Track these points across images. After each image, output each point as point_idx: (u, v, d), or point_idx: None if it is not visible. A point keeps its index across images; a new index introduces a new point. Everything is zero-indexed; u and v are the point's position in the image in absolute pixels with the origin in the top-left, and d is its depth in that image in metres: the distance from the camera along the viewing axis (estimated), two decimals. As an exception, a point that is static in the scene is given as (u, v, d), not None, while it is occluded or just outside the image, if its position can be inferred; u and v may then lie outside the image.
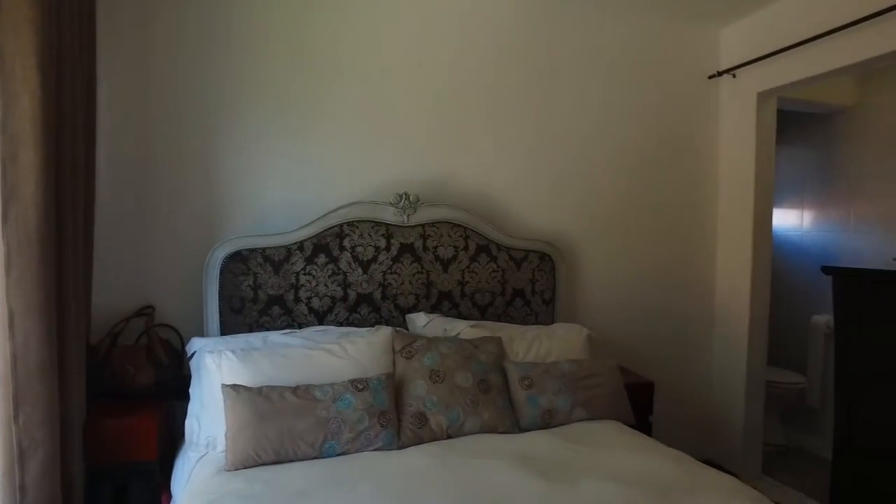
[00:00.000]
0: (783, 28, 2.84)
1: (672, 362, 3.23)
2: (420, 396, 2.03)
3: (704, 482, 1.70)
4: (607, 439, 2.02)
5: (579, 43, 3.00)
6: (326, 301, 2.45)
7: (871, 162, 3.38)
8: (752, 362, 3.12)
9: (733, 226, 3.22)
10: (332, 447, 1.83)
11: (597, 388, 2.25)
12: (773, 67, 2.91)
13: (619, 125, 3.10)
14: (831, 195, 3.65)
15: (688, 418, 3.27)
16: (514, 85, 2.89)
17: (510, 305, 2.72)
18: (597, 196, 3.07)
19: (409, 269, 2.55)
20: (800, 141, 3.86)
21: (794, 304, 3.76)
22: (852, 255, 3.46)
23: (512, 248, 2.72)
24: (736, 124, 3.20)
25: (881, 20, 2.35)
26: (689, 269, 3.28)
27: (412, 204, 2.54)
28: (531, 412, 2.12)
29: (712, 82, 3.27)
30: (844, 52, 2.56)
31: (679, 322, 3.27)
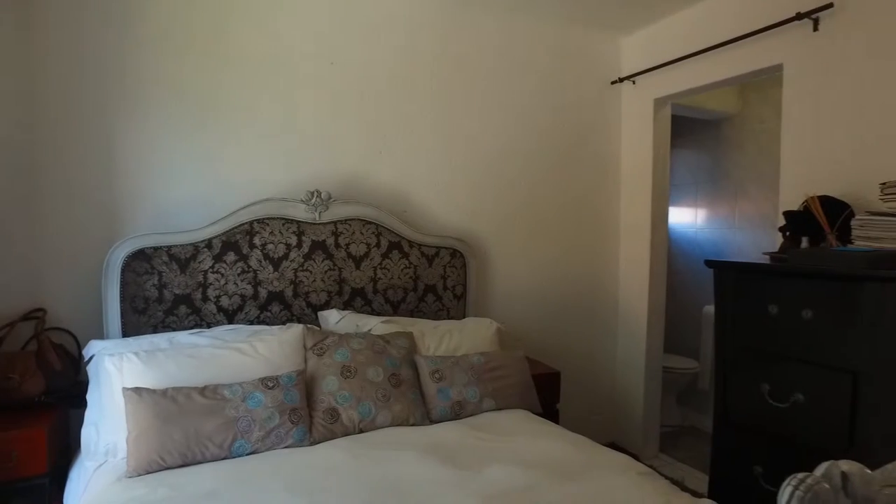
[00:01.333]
0: (675, 41, 3.06)
1: (579, 352, 3.41)
2: (332, 392, 2.05)
3: (600, 461, 1.82)
4: (514, 427, 2.11)
5: (490, 46, 3.10)
6: (236, 299, 2.41)
7: (751, 166, 3.70)
8: (650, 350, 3.35)
9: (633, 222, 3.44)
10: (243, 446, 1.81)
11: (505, 379, 2.35)
12: (667, 76, 3.13)
13: (528, 125, 3.23)
14: (719, 195, 3.98)
15: (593, 404, 3.47)
16: (426, 85, 2.95)
17: (422, 301, 2.78)
18: (507, 193, 3.19)
19: (321, 267, 2.55)
20: (693, 145, 4.17)
21: (688, 295, 4.06)
22: (737, 249, 3.79)
23: (424, 244, 2.78)
24: (635, 128, 3.41)
25: (754, 40, 2.59)
26: (594, 263, 3.47)
27: (324, 201, 2.54)
28: (441, 404, 2.19)
29: (614, 88, 3.47)
30: (726, 65, 2.80)
31: (585, 314, 3.45)
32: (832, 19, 2.32)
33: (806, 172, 2.42)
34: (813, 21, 2.37)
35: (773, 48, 2.57)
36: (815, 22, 2.37)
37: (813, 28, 2.38)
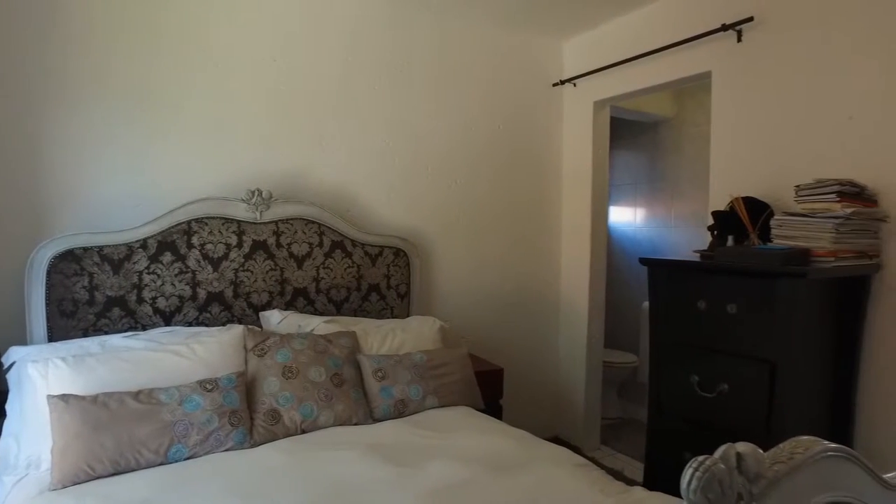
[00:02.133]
0: (613, 46, 3.16)
1: (522, 348, 3.48)
2: (273, 393, 2.02)
3: (539, 455, 1.87)
4: (456, 424, 2.14)
5: (434, 47, 3.13)
6: (174, 301, 2.34)
7: (686, 167, 3.87)
8: (591, 345, 3.46)
9: (574, 221, 3.53)
10: (180, 451, 1.77)
11: (448, 376, 2.38)
12: (606, 80, 3.24)
13: (472, 126, 3.27)
14: (657, 195, 4.13)
15: (537, 399, 3.54)
16: (370, 84, 2.94)
17: (366, 300, 2.78)
18: (451, 193, 3.22)
19: (263, 267, 2.51)
20: (632, 146, 4.32)
21: (628, 291, 4.20)
22: (673, 247, 3.95)
23: (367, 244, 2.78)
24: (576, 129, 3.51)
25: (685, 48, 2.71)
26: (537, 261, 3.55)
27: (265, 200, 2.50)
28: (384, 402, 2.20)
29: (556, 90, 3.55)
30: (660, 71, 2.91)
31: (528, 311, 3.52)
32: (754, 32, 2.46)
33: (732, 174, 2.55)
34: (737, 32, 2.50)
35: (702, 56, 2.69)
36: (739, 33, 2.50)
37: (737, 39, 2.51)
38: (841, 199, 1.97)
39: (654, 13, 2.95)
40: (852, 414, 2.12)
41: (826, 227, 1.95)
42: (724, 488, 0.62)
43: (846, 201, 1.98)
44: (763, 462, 0.67)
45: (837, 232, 1.94)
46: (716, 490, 0.61)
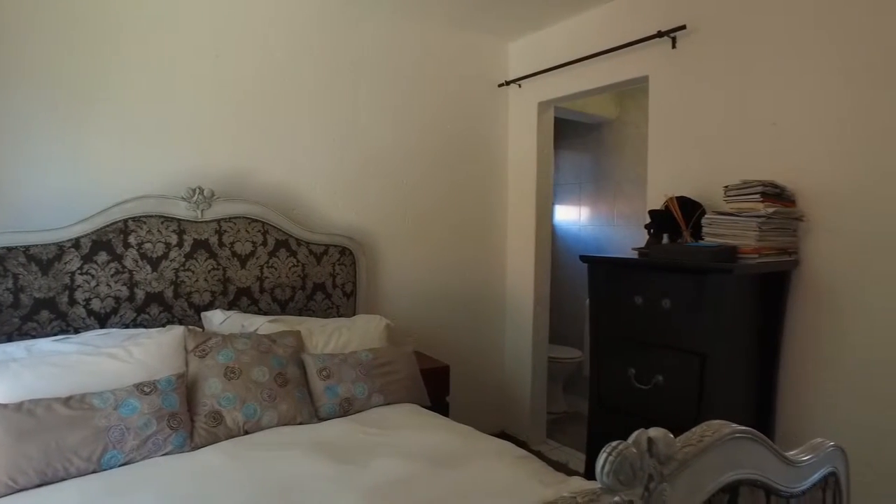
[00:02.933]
0: (557, 48, 3.24)
1: (468, 345, 3.53)
2: (215, 394, 1.99)
3: (481, 449, 1.91)
4: (401, 421, 2.16)
5: (381, 47, 3.12)
6: (109, 302, 2.27)
7: (627, 167, 4.00)
8: (536, 341, 3.53)
9: (519, 220, 3.60)
10: (115, 457, 1.72)
11: (394, 374, 2.39)
12: (550, 81, 3.31)
13: (418, 125, 3.28)
14: (600, 194, 4.26)
15: (483, 395, 3.60)
16: (317, 83, 2.92)
17: (311, 299, 2.76)
18: (397, 192, 3.23)
19: (204, 266, 2.46)
20: (577, 146, 4.43)
21: (574, 288, 4.31)
22: (617, 245, 4.07)
23: (312, 242, 2.76)
24: (521, 129, 3.58)
25: (625, 52, 2.80)
26: (483, 259, 3.60)
27: (207, 199, 2.45)
28: (329, 401, 2.19)
29: (501, 90, 3.61)
30: (601, 74, 3.00)
31: (474, 308, 3.57)
32: (687, 39, 2.57)
33: (668, 175, 2.66)
34: (672, 39, 2.61)
35: (640, 61, 2.79)
36: (674, 40, 2.61)
37: (672, 45, 2.62)
38: (764, 199, 2.09)
39: (596, 18, 3.03)
40: (774, 399, 2.25)
41: (751, 225, 2.07)
42: (635, 470, 0.66)
43: (768, 201, 2.09)
44: (673, 445, 0.72)
45: (761, 230, 2.05)
46: (627, 472, 0.65)
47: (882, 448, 1.97)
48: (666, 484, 0.70)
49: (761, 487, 0.95)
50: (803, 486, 1.09)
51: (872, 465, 1.97)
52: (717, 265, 1.96)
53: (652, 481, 0.68)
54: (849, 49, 2.05)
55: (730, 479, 0.85)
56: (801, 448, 1.16)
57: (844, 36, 2.06)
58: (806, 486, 1.10)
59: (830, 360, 2.11)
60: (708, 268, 1.97)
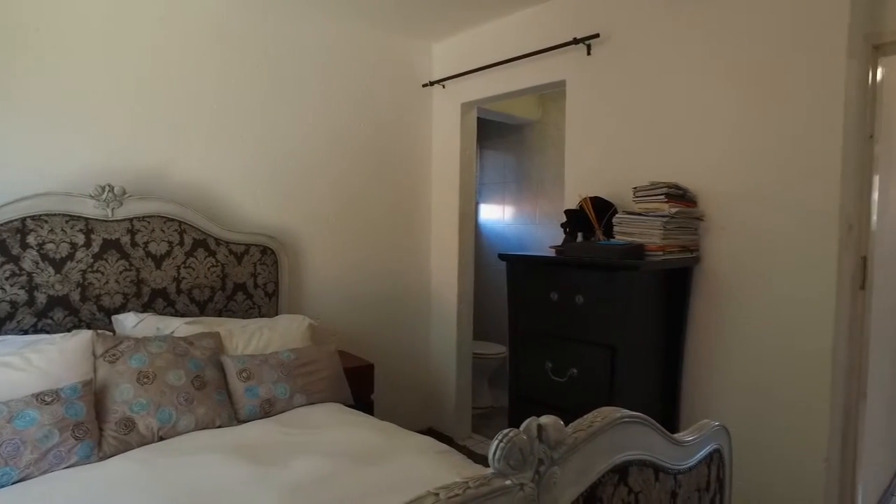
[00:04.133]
0: (480, 51, 3.31)
1: (394, 343, 3.55)
2: (126, 401, 1.92)
3: (403, 445, 1.94)
4: (324, 421, 2.15)
5: (304, 44, 3.08)
6: (4, 307, 2.13)
7: (549, 167, 4.14)
8: (461, 338, 3.60)
9: (444, 218, 3.66)
10: (8, 475, 1.61)
11: (316, 374, 2.38)
12: (473, 82, 3.38)
13: (343, 123, 3.27)
14: (523, 194, 4.38)
15: (409, 393, 3.63)
16: (236, 78, 2.85)
17: (231, 300, 2.70)
18: (321, 191, 3.20)
19: (115, 267, 2.36)
20: (501, 147, 4.54)
21: (498, 285, 4.41)
22: (539, 242, 4.20)
23: (232, 242, 2.70)
24: (445, 129, 3.63)
25: (544, 56, 2.90)
26: (408, 257, 3.63)
27: (117, 196, 2.35)
28: (250, 403, 2.16)
29: (426, 90, 3.65)
30: (521, 77, 3.10)
31: (400, 306, 3.59)
32: (601, 47, 2.69)
33: (583, 175, 2.78)
34: (587, 46, 2.73)
35: (558, 66, 2.90)
36: (589, 47, 2.73)
37: (587, 52, 2.74)
38: (668, 200, 2.23)
39: (516, 22, 3.12)
40: (679, 386, 2.41)
41: (656, 224, 2.20)
42: (525, 455, 0.71)
43: (672, 202, 2.24)
44: (562, 431, 0.78)
45: (665, 229, 2.19)
46: (517, 457, 0.70)
47: (763, 425, 2.16)
48: (556, 467, 0.76)
49: (650, 466, 1.03)
50: (690, 462, 1.19)
51: (754, 440, 2.16)
52: (625, 262, 2.08)
53: (542, 465, 0.74)
54: (741, 62, 2.23)
55: (619, 460, 0.92)
56: (690, 429, 1.27)
57: (736, 51, 2.24)
58: (692, 463, 1.21)
59: (726, 348, 2.29)
60: (617, 265, 2.08)
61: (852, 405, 2.18)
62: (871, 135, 2.18)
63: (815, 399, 2.05)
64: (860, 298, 2.20)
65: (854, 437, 2.20)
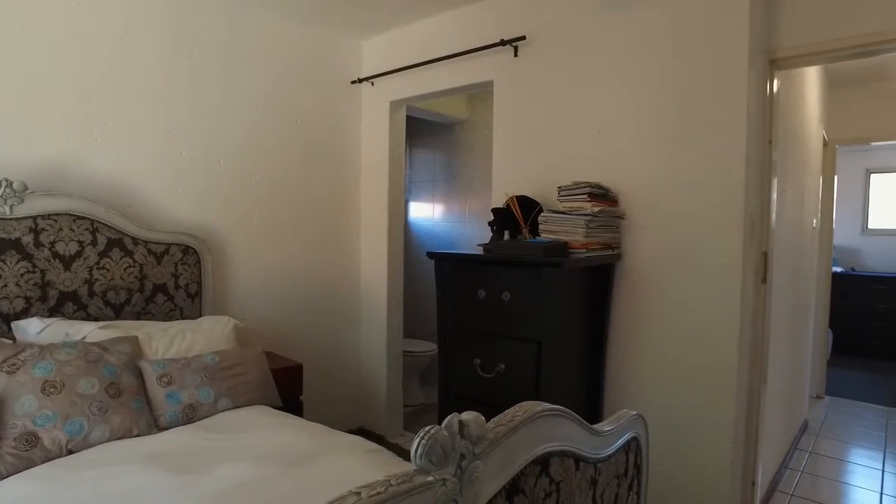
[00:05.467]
0: (409, 49, 3.32)
1: (324, 343, 3.50)
2: (28, 413, 1.79)
3: (333, 446, 1.92)
4: (250, 424, 2.10)
5: (229, 37, 2.98)
6: None
7: (478, 166, 4.20)
8: (391, 336, 3.60)
9: (372, 217, 3.64)
10: None
11: (242, 376, 2.31)
12: (401, 81, 3.38)
13: (268, 119, 3.18)
14: (453, 192, 4.43)
15: (339, 392, 3.60)
16: (152, 69, 2.71)
17: (151, 302, 2.57)
18: (247, 188, 3.11)
19: (16, 269, 2.19)
20: (431, 145, 4.56)
21: (429, 283, 4.43)
22: (468, 240, 4.26)
23: (151, 241, 2.57)
24: (374, 127, 3.61)
25: (472, 57, 2.95)
26: (337, 256, 3.59)
27: (17, 193, 2.18)
28: (171, 409, 2.07)
29: (354, 88, 3.62)
30: (450, 76, 3.13)
31: (329, 305, 3.55)
32: (527, 49, 2.76)
33: (510, 174, 2.84)
34: (514, 48, 2.79)
35: (486, 66, 2.95)
36: (515, 49, 2.79)
37: (514, 54, 2.81)
38: (591, 199, 2.32)
39: (446, 22, 3.15)
40: (603, 378, 2.51)
41: (579, 223, 2.29)
42: (446, 451, 0.73)
43: (595, 201, 2.33)
44: (483, 426, 0.80)
45: (588, 227, 2.28)
46: (439, 453, 0.72)
47: (677, 411, 2.30)
48: (478, 461, 0.78)
49: (571, 456, 1.07)
50: (609, 451, 1.25)
51: (670, 425, 2.29)
52: (549, 260, 2.15)
53: (464, 460, 0.76)
54: (658, 70, 2.35)
55: (541, 451, 0.95)
56: (609, 419, 1.33)
57: (653, 59, 2.36)
58: (611, 451, 1.27)
59: (645, 340, 2.41)
60: (541, 262, 2.15)
61: (755, 390, 2.36)
62: (769, 141, 2.36)
63: (723, 385, 2.20)
64: (762, 291, 2.38)
65: (756, 419, 2.37)
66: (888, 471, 3.32)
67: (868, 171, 6.75)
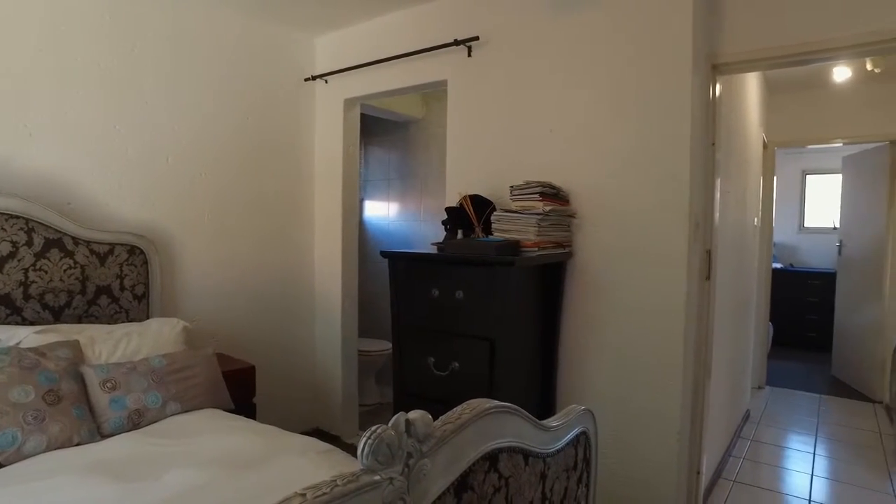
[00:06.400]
0: (363, 47, 3.30)
1: (278, 343, 3.45)
2: (-45, 425, 1.70)
3: (285, 447, 1.89)
4: (200, 428, 2.05)
5: (178, 31, 2.89)
6: None
7: (433, 165, 4.21)
8: (346, 335, 3.57)
9: (326, 215, 3.60)
10: None
11: (191, 379, 2.26)
12: (356, 78, 3.35)
13: (218, 116, 3.11)
14: (408, 191, 4.42)
15: (294, 393, 3.55)
16: (92, 62, 2.61)
17: (94, 304, 2.48)
18: (197, 186, 3.03)
19: (-56, 272, 2.08)
20: (386, 144, 4.54)
21: (384, 282, 4.40)
22: (423, 239, 4.26)
23: (94, 241, 2.48)
24: (327, 125, 3.57)
25: (426, 56, 2.95)
26: (291, 255, 3.54)
27: (-55, 191, 2.07)
28: (116, 415, 2.00)
29: (308, 85, 3.57)
30: (404, 75, 3.12)
31: (283, 306, 3.50)
32: (481, 49, 2.79)
33: (464, 173, 2.86)
34: (468, 48, 2.81)
35: (440, 66, 2.96)
36: (469, 49, 2.81)
37: (468, 54, 2.82)
38: (542, 198, 2.36)
39: (399, 20, 3.14)
40: (556, 374, 2.56)
41: (531, 222, 2.32)
42: (393, 450, 0.73)
43: (546, 200, 2.37)
44: (430, 424, 0.81)
45: (539, 226, 2.32)
46: (385, 452, 0.72)
47: (627, 405, 2.36)
48: (426, 459, 0.79)
49: (520, 452, 1.10)
50: (558, 445, 1.28)
51: (620, 419, 2.36)
52: (501, 258, 2.17)
53: (411, 458, 0.76)
54: (606, 73, 2.41)
55: (489, 448, 0.97)
56: (558, 414, 1.36)
57: (603, 62, 2.41)
58: (560, 446, 1.30)
59: (596, 336, 2.47)
60: (493, 261, 2.17)
61: (700, 383, 2.45)
62: (712, 143, 2.45)
63: (670, 378, 2.28)
64: (706, 288, 2.47)
65: (701, 411, 2.46)
66: (818, 454, 3.53)
67: (804, 172, 7.09)
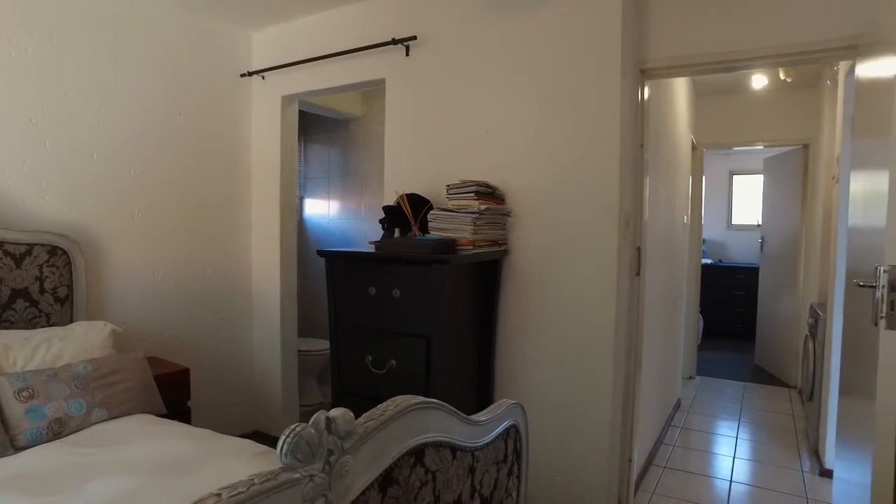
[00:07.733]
0: (301, 43, 3.25)
1: (214, 345, 3.36)
2: None
3: (219, 451, 1.86)
4: (129, 434, 1.98)
5: (105, 20, 2.76)
6: None
7: (373, 163, 4.20)
8: (285, 335, 3.52)
9: (264, 214, 3.54)
10: None
11: (120, 384, 2.18)
12: (294, 75, 3.31)
13: (148, 111, 3.00)
14: (349, 188, 4.39)
15: (232, 395, 3.47)
16: (5, 51, 2.47)
17: (9, 309, 2.34)
18: (126, 184, 2.91)
19: None
20: (326, 141, 4.49)
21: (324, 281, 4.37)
22: (363, 238, 4.24)
23: (9, 241, 2.34)
24: (265, 122, 3.50)
25: (365, 54, 2.95)
26: (227, 254, 3.45)
27: None
28: (33, 426, 1.91)
29: (244, 81, 3.49)
30: (342, 73, 3.10)
31: (220, 306, 3.41)
32: (419, 49, 2.80)
33: (402, 172, 2.87)
34: (405, 47, 2.82)
35: (378, 64, 2.96)
36: (407, 48, 2.82)
37: (406, 53, 2.83)
38: (478, 197, 2.40)
39: (339, 18, 3.11)
40: (493, 370, 2.61)
41: (467, 220, 2.36)
42: (313, 448, 0.74)
43: (482, 199, 2.41)
44: (352, 422, 0.82)
45: (475, 225, 2.36)
46: (305, 450, 0.73)
47: (561, 397, 2.44)
48: (348, 456, 0.80)
49: (447, 447, 1.12)
50: (487, 439, 1.32)
51: (554, 410, 2.44)
52: (436, 257, 2.20)
53: (332, 455, 0.77)
54: (540, 74, 2.47)
55: (415, 443, 0.99)
56: (487, 409, 1.40)
57: (536, 64, 2.48)
58: (489, 440, 1.34)
59: (531, 331, 2.53)
60: (429, 259, 2.20)
61: (631, 375, 2.56)
62: (641, 144, 2.56)
63: (602, 371, 2.37)
64: (636, 283, 2.58)
65: (632, 402, 2.57)
66: (741, 437, 3.77)
67: (731, 172, 7.48)
